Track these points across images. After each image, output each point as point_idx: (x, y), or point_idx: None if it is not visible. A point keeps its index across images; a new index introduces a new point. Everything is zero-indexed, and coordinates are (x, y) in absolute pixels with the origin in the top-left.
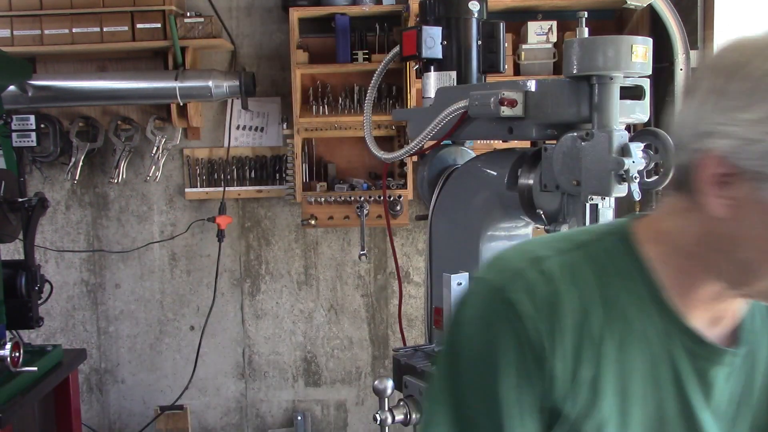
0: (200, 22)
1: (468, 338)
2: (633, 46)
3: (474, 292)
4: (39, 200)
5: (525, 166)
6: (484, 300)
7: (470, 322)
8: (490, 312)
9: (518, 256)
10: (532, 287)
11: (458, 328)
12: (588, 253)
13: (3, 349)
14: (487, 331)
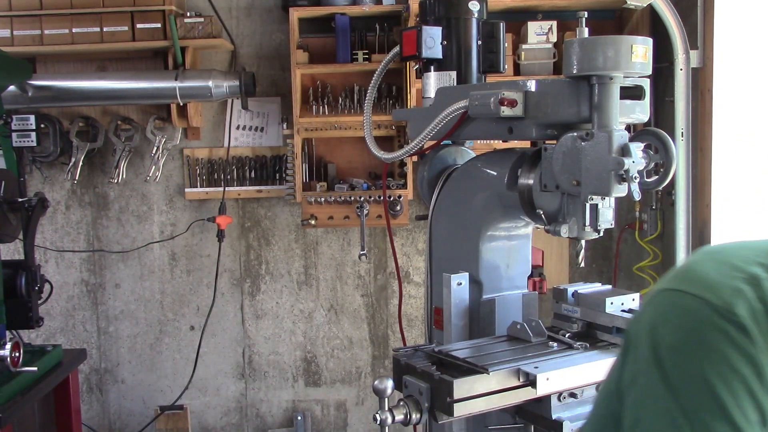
0: (200, 22)
1: (685, 368)
2: (633, 46)
3: (677, 309)
4: (39, 200)
5: (525, 166)
6: (700, 320)
7: (685, 348)
8: (713, 336)
9: (725, 270)
10: (756, 312)
11: (669, 355)
12: None
13: (3, 349)
14: (714, 359)
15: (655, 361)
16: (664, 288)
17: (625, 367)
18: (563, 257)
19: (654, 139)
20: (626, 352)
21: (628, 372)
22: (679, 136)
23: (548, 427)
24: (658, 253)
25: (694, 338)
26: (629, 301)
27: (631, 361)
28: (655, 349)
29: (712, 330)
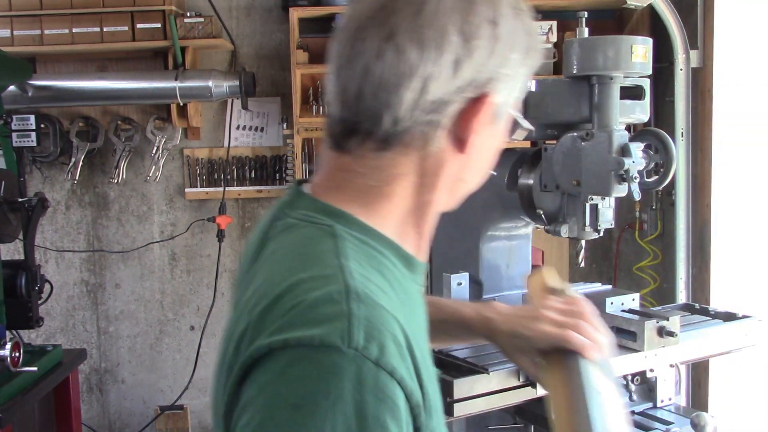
0: (200, 22)
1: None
2: (633, 46)
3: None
4: (39, 200)
5: (525, 166)
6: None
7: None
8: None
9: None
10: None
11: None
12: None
13: (3, 349)
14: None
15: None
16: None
17: None
18: (563, 257)
19: (654, 139)
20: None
21: None
22: (679, 136)
23: (548, 427)
24: (658, 253)
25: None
26: (629, 301)
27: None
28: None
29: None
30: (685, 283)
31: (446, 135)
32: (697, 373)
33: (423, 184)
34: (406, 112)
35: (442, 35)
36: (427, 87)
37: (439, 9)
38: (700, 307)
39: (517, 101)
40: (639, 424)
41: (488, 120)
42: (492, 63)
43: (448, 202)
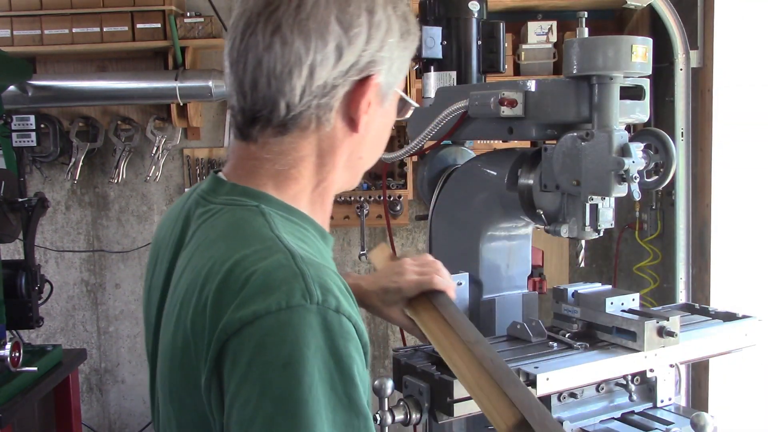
0: (200, 22)
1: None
2: (633, 46)
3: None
4: (39, 200)
5: (525, 166)
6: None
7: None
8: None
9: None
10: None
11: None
12: (288, 239)
13: (3, 349)
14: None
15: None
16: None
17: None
18: (563, 257)
19: (654, 139)
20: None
21: None
22: (679, 136)
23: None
24: (658, 253)
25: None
26: (629, 301)
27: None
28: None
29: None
30: (685, 283)
31: (338, 116)
32: (697, 373)
33: (323, 164)
34: (297, 98)
35: (323, 26)
36: (314, 73)
37: (318, 2)
38: (700, 307)
39: (401, 82)
40: (639, 424)
41: (376, 100)
42: (371, 47)
43: (348, 180)
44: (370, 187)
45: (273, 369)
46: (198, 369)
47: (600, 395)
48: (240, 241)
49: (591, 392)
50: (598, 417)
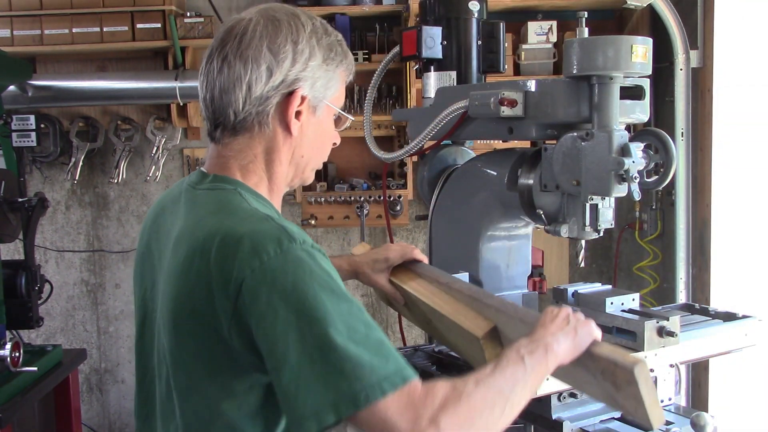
0: (200, 22)
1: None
2: (633, 46)
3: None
4: (39, 200)
5: (525, 166)
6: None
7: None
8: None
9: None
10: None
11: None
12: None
13: (3, 349)
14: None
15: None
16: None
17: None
18: (563, 257)
19: (654, 139)
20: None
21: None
22: (679, 136)
23: (548, 427)
24: (658, 253)
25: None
26: (629, 301)
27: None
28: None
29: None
30: (685, 283)
31: (275, 122)
32: (697, 373)
33: (270, 160)
34: (240, 106)
35: (257, 53)
36: (252, 88)
37: (254, 36)
38: (700, 307)
39: (337, 97)
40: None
41: (308, 110)
42: (295, 69)
43: (296, 175)
44: (370, 187)
45: (286, 293)
46: (212, 310)
47: None
48: (227, 214)
49: None
50: (598, 417)
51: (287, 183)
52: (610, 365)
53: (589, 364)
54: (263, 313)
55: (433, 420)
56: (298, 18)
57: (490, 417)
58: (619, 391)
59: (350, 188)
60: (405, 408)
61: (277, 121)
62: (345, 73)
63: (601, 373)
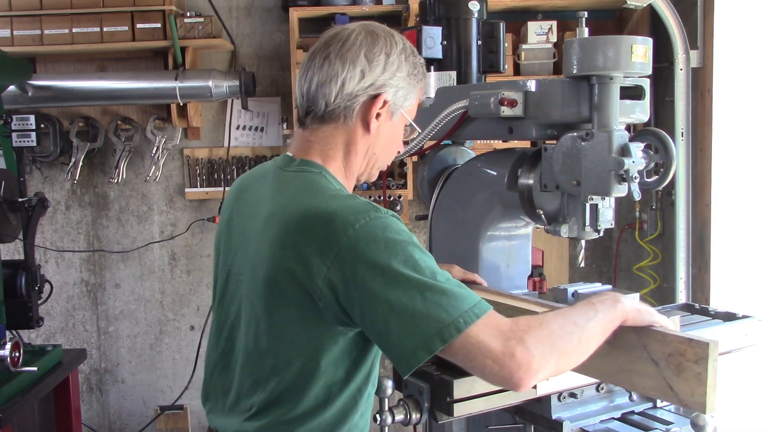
0: (200, 22)
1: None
2: (633, 46)
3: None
4: (39, 200)
5: (525, 166)
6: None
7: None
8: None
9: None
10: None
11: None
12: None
13: (3, 349)
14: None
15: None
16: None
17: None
18: (563, 257)
19: (654, 139)
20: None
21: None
22: (679, 136)
23: (548, 427)
24: (658, 253)
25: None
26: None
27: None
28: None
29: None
30: (685, 283)
31: (358, 118)
32: None
33: (348, 151)
34: (332, 98)
35: (355, 57)
36: (345, 84)
37: (354, 43)
38: (700, 307)
39: (411, 110)
40: (639, 424)
41: (386, 114)
42: (384, 76)
43: (366, 169)
44: (370, 187)
45: (379, 250)
46: (309, 275)
47: (600, 395)
48: (317, 193)
49: (591, 392)
50: (598, 417)
51: (358, 174)
52: (683, 344)
53: (657, 350)
54: (361, 272)
55: (520, 340)
56: (392, 36)
57: (569, 342)
58: (681, 375)
59: None
60: (496, 331)
61: (359, 118)
62: (421, 91)
63: (667, 357)
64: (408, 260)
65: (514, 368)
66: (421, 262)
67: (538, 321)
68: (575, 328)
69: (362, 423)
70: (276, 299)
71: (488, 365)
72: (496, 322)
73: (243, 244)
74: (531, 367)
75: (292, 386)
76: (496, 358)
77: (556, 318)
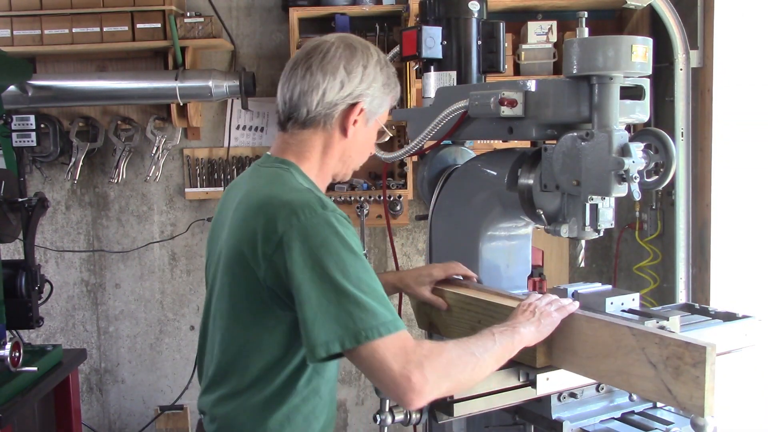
0: (200, 22)
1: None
2: (633, 46)
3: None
4: (39, 200)
5: (525, 166)
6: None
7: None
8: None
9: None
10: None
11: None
12: (308, 189)
13: (3, 349)
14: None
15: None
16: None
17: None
18: (563, 257)
19: (654, 139)
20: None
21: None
22: (679, 136)
23: (548, 427)
24: (658, 253)
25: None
26: (629, 301)
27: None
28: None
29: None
30: (685, 283)
31: (336, 124)
32: None
33: (325, 153)
34: (314, 107)
35: (335, 69)
36: (326, 94)
37: (335, 56)
38: (700, 307)
39: (383, 117)
40: (639, 424)
41: (362, 120)
42: (362, 86)
43: (341, 170)
44: (370, 187)
45: (314, 246)
46: (255, 257)
47: (600, 395)
48: (278, 185)
49: (591, 392)
50: (598, 417)
51: (333, 174)
52: (681, 347)
53: (655, 353)
54: (295, 260)
55: (419, 365)
56: (368, 48)
57: (463, 372)
58: (679, 378)
59: (350, 188)
60: (397, 352)
61: (338, 124)
62: (393, 100)
63: (665, 360)
64: (338, 262)
65: (408, 389)
66: (350, 268)
67: (439, 349)
68: (471, 359)
69: (306, 408)
70: (230, 278)
71: (385, 382)
72: (401, 343)
73: (220, 234)
74: (423, 391)
75: (236, 361)
76: (392, 378)
77: (456, 347)
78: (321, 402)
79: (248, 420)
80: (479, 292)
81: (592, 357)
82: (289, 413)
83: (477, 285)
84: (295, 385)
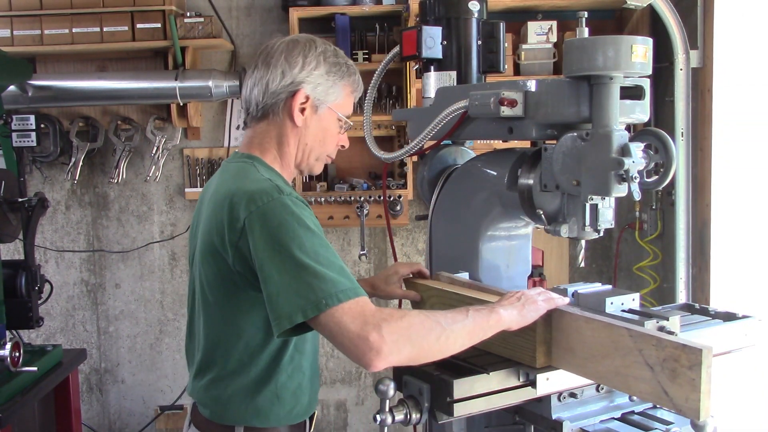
0: (200, 22)
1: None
2: (633, 46)
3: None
4: (39, 200)
5: (525, 166)
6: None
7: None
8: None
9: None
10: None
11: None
12: (272, 178)
13: (3, 349)
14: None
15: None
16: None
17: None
18: (563, 257)
19: (654, 139)
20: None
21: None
22: (679, 136)
23: (548, 427)
24: (658, 253)
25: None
26: (629, 301)
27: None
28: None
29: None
30: (685, 283)
31: (284, 113)
32: None
33: (280, 143)
34: (261, 99)
35: (276, 62)
36: (269, 85)
37: (277, 50)
38: (700, 307)
39: (339, 105)
40: (639, 424)
41: (310, 107)
42: (302, 74)
43: (303, 159)
44: (370, 187)
45: (272, 227)
46: (223, 246)
47: (600, 395)
48: (242, 179)
49: (591, 392)
50: (598, 417)
51: (296, 164)
52: (677, 349)
53: (652, 354)
54: (256, 242)
55: (376, 326)
56: (313, 41)
57: (426, 338)
58: (675, 380)
59: (350, 188)
60: (356, 315)
61: (285, 113)
62: (348, 87)
63: (662, 362)
64: (295, 239)
65: (366, 350)
66: (307, 243)
67: (400, 314)
68: (436, 327)
69: (292, 384)
70: (206, 268)
71: (345, 344)
72: (361, 308)
73: (197, 228)
74: (381, 350)
75: (219, 347)
76: (351, 339)
77: (420, 314)
78: (305, 378)
79: (240, 402)
80: (452, 285)
81: (590, 358)
82: (277, 391)
83: (449, 276)
84: (279, 363)
